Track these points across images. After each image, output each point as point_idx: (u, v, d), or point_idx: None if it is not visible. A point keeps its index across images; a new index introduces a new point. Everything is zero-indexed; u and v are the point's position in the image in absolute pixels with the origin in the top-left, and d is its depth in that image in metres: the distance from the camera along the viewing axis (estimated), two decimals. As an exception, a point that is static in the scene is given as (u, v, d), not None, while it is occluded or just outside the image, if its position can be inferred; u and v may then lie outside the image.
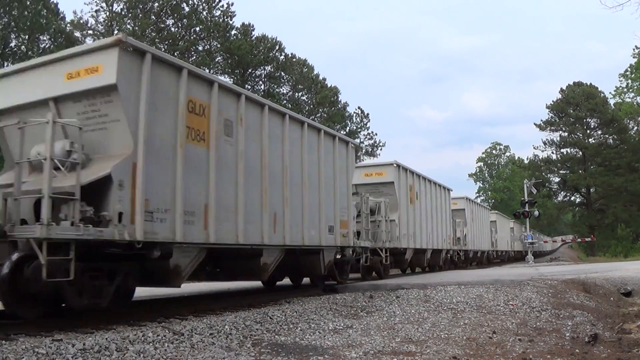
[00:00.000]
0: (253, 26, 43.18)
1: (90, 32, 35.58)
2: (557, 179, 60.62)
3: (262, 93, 42.49)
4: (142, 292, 11.15)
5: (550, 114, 59.64)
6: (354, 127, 52.93)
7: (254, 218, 8.55)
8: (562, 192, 62.18)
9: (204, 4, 39.05)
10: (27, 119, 6.23)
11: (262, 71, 45.34)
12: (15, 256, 5.66)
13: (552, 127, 59.59)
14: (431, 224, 19.18)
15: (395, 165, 15.97)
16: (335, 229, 11.33)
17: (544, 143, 59.93)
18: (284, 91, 48.03)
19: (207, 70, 30.44)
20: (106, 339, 5.17)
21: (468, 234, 25.55)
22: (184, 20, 38.19)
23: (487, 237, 31.01)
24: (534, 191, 32.36)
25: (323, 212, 10.81)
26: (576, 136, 58.17)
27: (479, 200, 61.81)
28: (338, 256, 11.63)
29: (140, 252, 6.53)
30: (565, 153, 59.51)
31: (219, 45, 40.62)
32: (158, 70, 6.83)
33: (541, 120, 60.13)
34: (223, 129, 7.92)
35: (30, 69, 7.02)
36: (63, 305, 6.57)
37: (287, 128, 9.76)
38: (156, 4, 36.65)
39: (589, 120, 57.52)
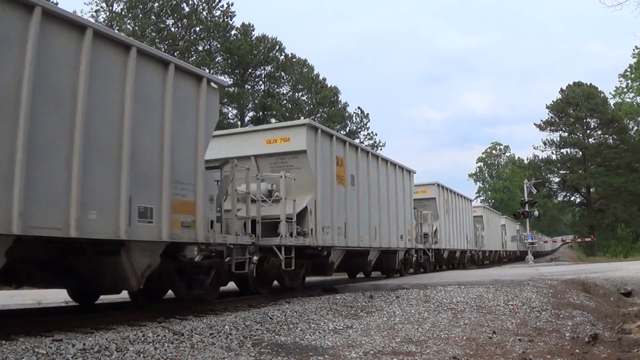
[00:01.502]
0: (253, 26, 43.28)
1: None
2: (557, 179, 60.66)
3: (262, 93, 42.53)
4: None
5: (550, 114, 59.72)
6: (354, 127, 52.96)
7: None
8: (562, 192, 62.20)
9: (204, 4, 39.07)
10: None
11: (262, 71, 45.37)
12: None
13: (552, 127, 59.64)
14: (378, 215, 14.28)
15: (309, 126, 11.12)
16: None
17: (544, 143, 60.04)
18: (284, 91, 48.06)
19: (208, 71, 30.43)
20: (106, 339, 5.17)
21: (440, 229, 21.49)
22: (184, 20, 38.20)
23: (469, 234, 27.30)
24: (534, 191, 32.37)
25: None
26: (576, 136, 58.19)
27: (479, 200, 61.91)
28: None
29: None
30: (565, 153, 59.56)
31: (219, 45, 40.64)
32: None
33: (541, 121, 60.26)
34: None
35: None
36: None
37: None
38: (156, 4, 36.67)
39: (589, 120, 57.54)
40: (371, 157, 14.09)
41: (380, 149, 54.03)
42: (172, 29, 38.15)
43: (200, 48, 39.70)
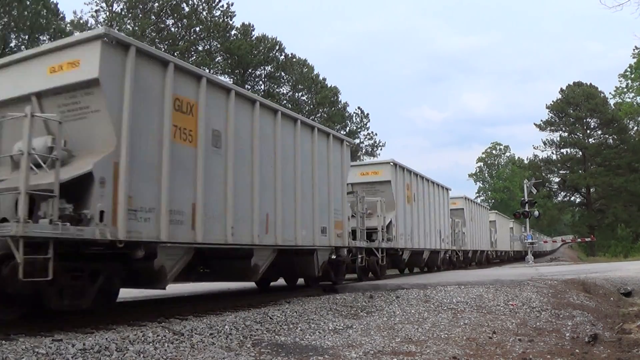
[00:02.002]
0: (253, 26, 43.22)
1: (90, 32, 35.52)
2: (557, 179, 60.69)
3: (262, 93, 42.51)
4: (142, 292, 11.16)
5: (550, 114, 59.73)
6: (354, 127, 52.94)
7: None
8: (562, 192, 62.23)
9: (204, 4, 39.04)
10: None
11: (262, 71, 45.33)
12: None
13: (552, 127, 59.65)
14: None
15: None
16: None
17: (544, 143, 60.06)
18: (284, 91, 48.02)
19: (207, 70, 30.46)
20: (106, 339, 5.17)
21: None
22: (184, 20, 38.17)
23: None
24: (534, 191, 32.33)
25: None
26: (576, 136, 58.19)
27: (479, 200, 61.82)
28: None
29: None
30: (565, 153, 59.58)
31: (219, 45, 40.61)
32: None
33: (541, 120, 60.27)
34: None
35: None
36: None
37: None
38: (156, 4, 36.64)
39: (589, 120, 57.55)
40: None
41: (380, 149, 54.14)
42: (172, 29, 38.13)
43: (200, 48, 39.67)
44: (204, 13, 39.14)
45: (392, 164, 15.64)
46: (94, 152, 6.15)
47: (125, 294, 10.66)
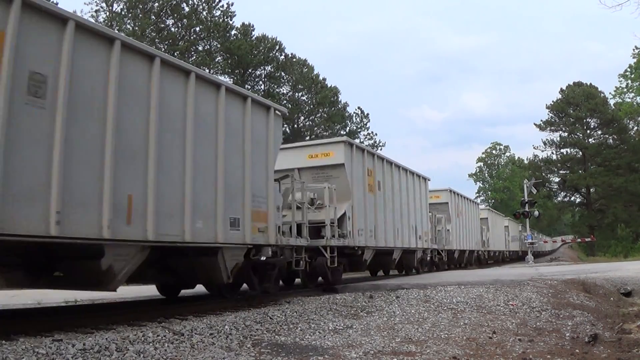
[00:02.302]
0: (253, 26, 43.28)
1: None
2: (557, 179, 60.70)
3: (262, 93, 42.52)
4: (141, 292, 11.15)
5: (550, 114, 59.74)
6: (354, 127, 52.96)
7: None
8: (562, 192, 62.24)
9: (204, 4, 39.07)
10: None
11: (262, 71, 45.38)
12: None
13: (552, 127, 59.66)
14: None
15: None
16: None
17: (544, 143, 60.08)
18: (284, 91, 48.07)
19: (208, 71, 30.44)
20: (106, 339, 5.17)
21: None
22: (184, 20, 38.20)
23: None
24: (534, 191, 32.34)
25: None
26: (576, 136, 58.19)
27: (479, 200, 61.85)
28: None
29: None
30: (565, 153, 59.58)
31: (219, 45, 40.64)
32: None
33: (541, 121, 60.29)
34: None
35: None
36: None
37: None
38: (156, 4, 36.67)
39: (589, 120, 57.55)
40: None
41: (380, 149, 54.11)
42: (172, 29, 38.16)
43: (200, 48, 39.71)
44: (204, 13, 39.18)
45: (346, 142, 12.64)
46: None
47: (126, 294, 10.68)
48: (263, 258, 9.13)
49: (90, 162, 5.90)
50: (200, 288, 9.65)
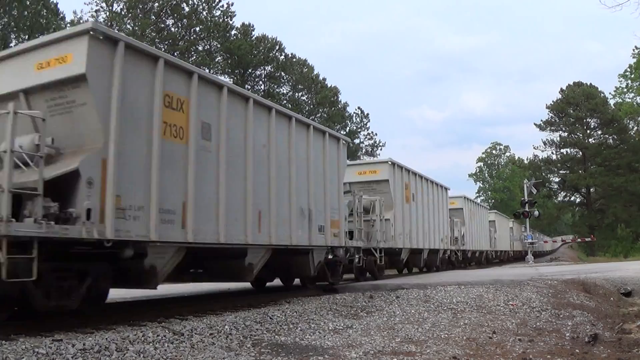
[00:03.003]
0: (253, 26, 43.26)
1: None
2: (557, 179, 60.69)
3: (262, 93, 42.54)
4: (144, 292, 11.16)
5: (550, 114, 59.73)
6: (354, 127, 52.98)
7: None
8: (562, 192, 62.20)
9: (204, 4, 39.05)
10: None
11: (262, 71, 45.36)
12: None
13: (552, 127, 59.66)
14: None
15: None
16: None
17: (544, 143, 60.07)
18: (284, 91, 48.05)
19: (207, 70, 30.45)
20: (106, 339, 5.17)
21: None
22: (184, 20, 38.18)
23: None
24: (534, 191, 32.34)
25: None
26: (576, 136, 58.19)
27: (479, 200, 61.78)
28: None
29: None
30: (565, 153, 59.58)
31: (219, 45, 40.63)
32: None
33: (541, 120, 60.30)
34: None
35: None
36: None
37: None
38: (156, 4, 36.66)
39: (589, 120, 57.55)
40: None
41: (380, 149, 54.19)
42: (172, 29, 38.14)
43: (200, 48, 39.69)
44: (204, 13, 39.16)
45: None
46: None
47: (126, 293, 10.68)
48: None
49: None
50: (203, 287, 9.65)
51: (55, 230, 5.39)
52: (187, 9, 38.07)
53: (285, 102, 45.19)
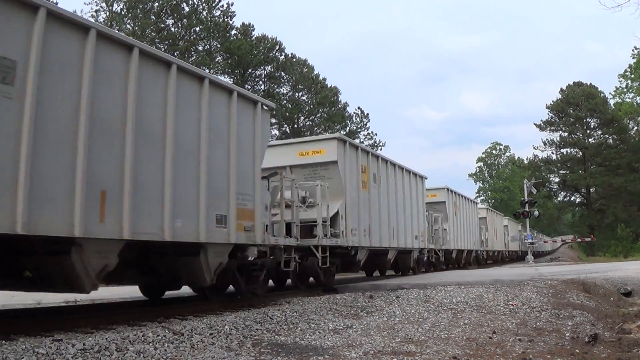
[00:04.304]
0: (253, 26, 43.26)
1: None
2: (557, 179, 60.69)
3: (262, 93, 42.52)
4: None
5: (550, 114, 59.76)
6: (354, 127, 52.94)
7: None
8: (562, 192, 62.23)
9: (204, 4, 39.06)
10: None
11: (262, 71, 45.35)
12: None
13: (552, 127, 59.69)
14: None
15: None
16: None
17: (544, 143, 60.10)
18: (284, 91, 48.06)
19: (208, 71, 30.41)
20: (106, 339, 5.17)
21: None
22: (184, 20, 38.19)
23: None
24: (534, 191, 32.37)
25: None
26: (576, 136, 58.20)
27: (479, 200, 61.80)
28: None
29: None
30: (565, 153, 59.59)
31: (219, 45, 40.63)
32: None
33: (541, 120, 60.34)
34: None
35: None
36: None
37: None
38: (156, 4, 36.66)
39: (589, 120, 57.57)
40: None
41: (380, 149, 54.08)
42: (172, 29, 38.14)
43: (200, 48, 39.70)
44: (204, 13, 39.17)
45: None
46: None
47: (126, 293, 10.68)
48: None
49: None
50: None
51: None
52: (187, 9, 38.09)
53: (285, 102, 45.21)
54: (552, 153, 60.23)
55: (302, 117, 49.14)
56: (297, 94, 48.90)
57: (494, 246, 32.75)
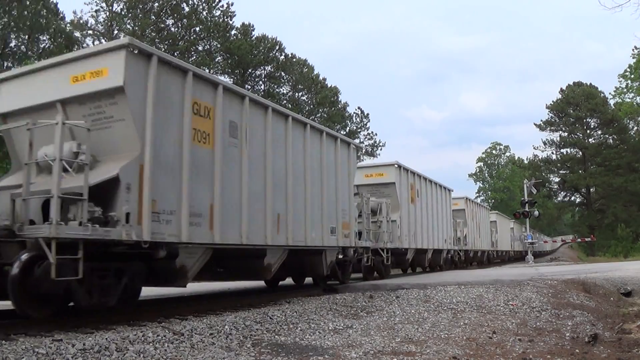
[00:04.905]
0: (253, 26, 43.27)
1: (90, 32, 35.63)
2: (557, 179, 60.68)
3: (262, 93, 42.54)
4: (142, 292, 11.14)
5: (550, 114, 59.73)
6: (354, 127, 52.92)
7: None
8: (562, 192, 62.20)
9: (204, 4, 39.06)
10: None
11: (262, 71, 45.37)
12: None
13: (552, 127, 59.66)
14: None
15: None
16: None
17: (544, 143, 60.07)
18: (284, 91, 48.05)
19: (208, 71, 30.43)
20: (106, 339, 5.17)
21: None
22: (184, 20, 38.19)
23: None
24: (534, 191, 32.34)
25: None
26: (576, 136, 58.19)
27: (479, 200, 61.78)
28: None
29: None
30: (565, 153, 59.56)
31: (219, 45, 40.63)
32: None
33: (541, 120, 60.30)
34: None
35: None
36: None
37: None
38: (156, 4, 36.66)
39: (589, 120, 57.56)
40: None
41: (380, 149, 54.11)
42: (172, 29, 38.15)
43: (200, 48, 39.70)
44: (204, 13, 39.17)
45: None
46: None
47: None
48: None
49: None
50: (203, 287, 9.63)
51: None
52: (187, 9, 38.09)
53: (285, 102, 45.20)
54: (552, 153, 60.31)
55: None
56: (297, 94, 48.91)
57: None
